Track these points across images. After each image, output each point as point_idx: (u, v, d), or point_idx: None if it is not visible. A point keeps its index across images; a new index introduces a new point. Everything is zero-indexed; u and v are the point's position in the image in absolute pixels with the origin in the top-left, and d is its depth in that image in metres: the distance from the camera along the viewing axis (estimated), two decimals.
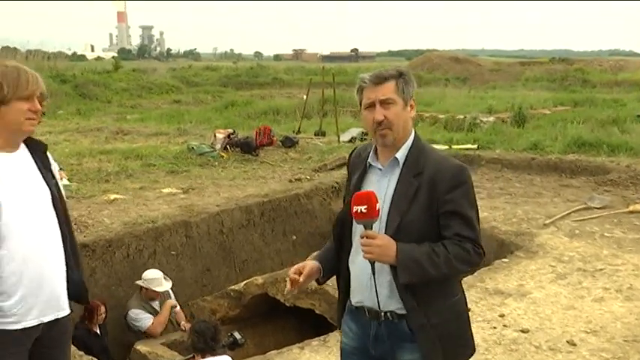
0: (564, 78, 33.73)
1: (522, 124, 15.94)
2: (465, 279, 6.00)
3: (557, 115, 17.26)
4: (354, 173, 2.70)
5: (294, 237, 8.70)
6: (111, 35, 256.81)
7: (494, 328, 4.90)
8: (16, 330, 2.74)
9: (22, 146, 2.83)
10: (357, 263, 2.60)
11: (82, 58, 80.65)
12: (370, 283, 2.50)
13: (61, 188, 2.98)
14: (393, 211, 2.51)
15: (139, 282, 6.61)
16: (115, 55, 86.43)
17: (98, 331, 6.28)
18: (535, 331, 4.85)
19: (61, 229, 2.86)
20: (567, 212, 8.08)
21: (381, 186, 2.57)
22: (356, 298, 2.66)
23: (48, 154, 2.96)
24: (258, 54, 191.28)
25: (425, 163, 2.52)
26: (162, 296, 6.76)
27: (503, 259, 6.54)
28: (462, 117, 16.81)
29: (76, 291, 2.94)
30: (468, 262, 2.49)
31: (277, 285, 6.71)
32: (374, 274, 2.47)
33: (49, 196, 2.83)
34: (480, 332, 4.76)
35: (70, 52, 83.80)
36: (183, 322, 6.72)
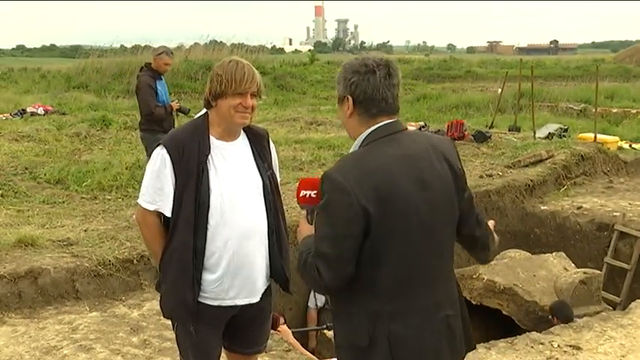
0: None
1: None
2: None
3: None
4: None
5: None
6: (308, 29, 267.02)
7: None
8: (212, 306, 2.90)
9: (243, 136, 2.97)
10: None
11: (281, 51, 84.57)
12: None
13: (278, 179, 3.08)
14: None
15: None
16: (311, 48, 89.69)
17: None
18: None
19: (268, 217, 2.94)
20: None
21: None
22: None
23: (271, 143, 3.08)
24: (451, 46, 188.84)
25: None
26: None
27: None
28: None
29: (277, 278, 3.04)
30: (310, 280, 2.28)
31: (463, 282, 6.60)
32: None
33: (261, 185, 2.93)
34: None
35: (270, 46, 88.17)
36: None
